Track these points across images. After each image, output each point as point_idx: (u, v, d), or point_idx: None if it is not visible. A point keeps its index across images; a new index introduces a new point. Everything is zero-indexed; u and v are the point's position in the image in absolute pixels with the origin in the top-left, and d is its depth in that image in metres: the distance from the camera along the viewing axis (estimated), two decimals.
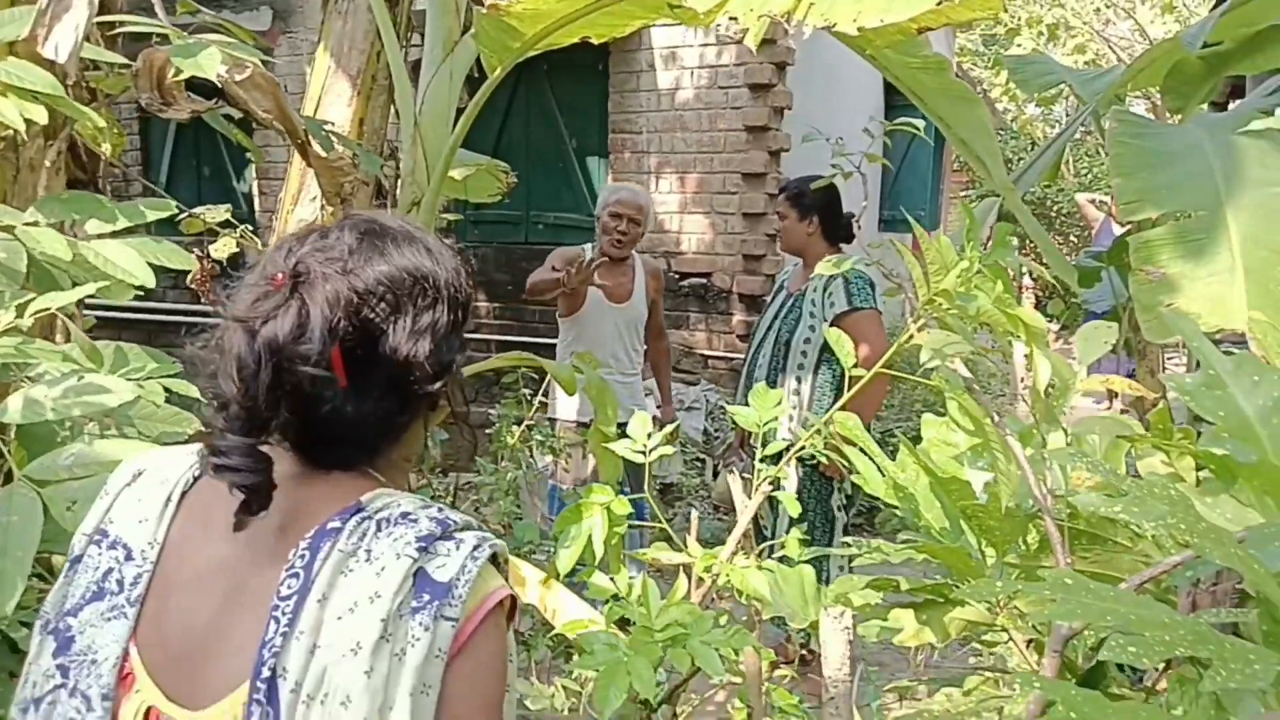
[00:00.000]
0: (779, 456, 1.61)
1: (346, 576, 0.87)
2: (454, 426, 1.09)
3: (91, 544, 0.95)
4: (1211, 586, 1.28)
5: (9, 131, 1.66)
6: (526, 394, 3.42)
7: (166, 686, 0.89)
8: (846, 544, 1.53)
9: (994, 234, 3.52)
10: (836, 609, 1.34)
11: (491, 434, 3.27)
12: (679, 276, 5.95)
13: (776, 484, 1.77)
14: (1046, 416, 1.34)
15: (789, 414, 3.12)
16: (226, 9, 6.67)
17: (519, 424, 3.31)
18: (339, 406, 0.92)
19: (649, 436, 1.50)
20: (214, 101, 1.89)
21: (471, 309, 1.03)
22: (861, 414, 2.29)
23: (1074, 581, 1.10)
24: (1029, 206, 4.61)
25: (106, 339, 1.63)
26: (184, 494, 0.97)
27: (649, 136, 6.11)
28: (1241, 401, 0.97)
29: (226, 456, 0.89)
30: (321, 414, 0.92)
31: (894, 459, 1.75)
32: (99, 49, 1.69)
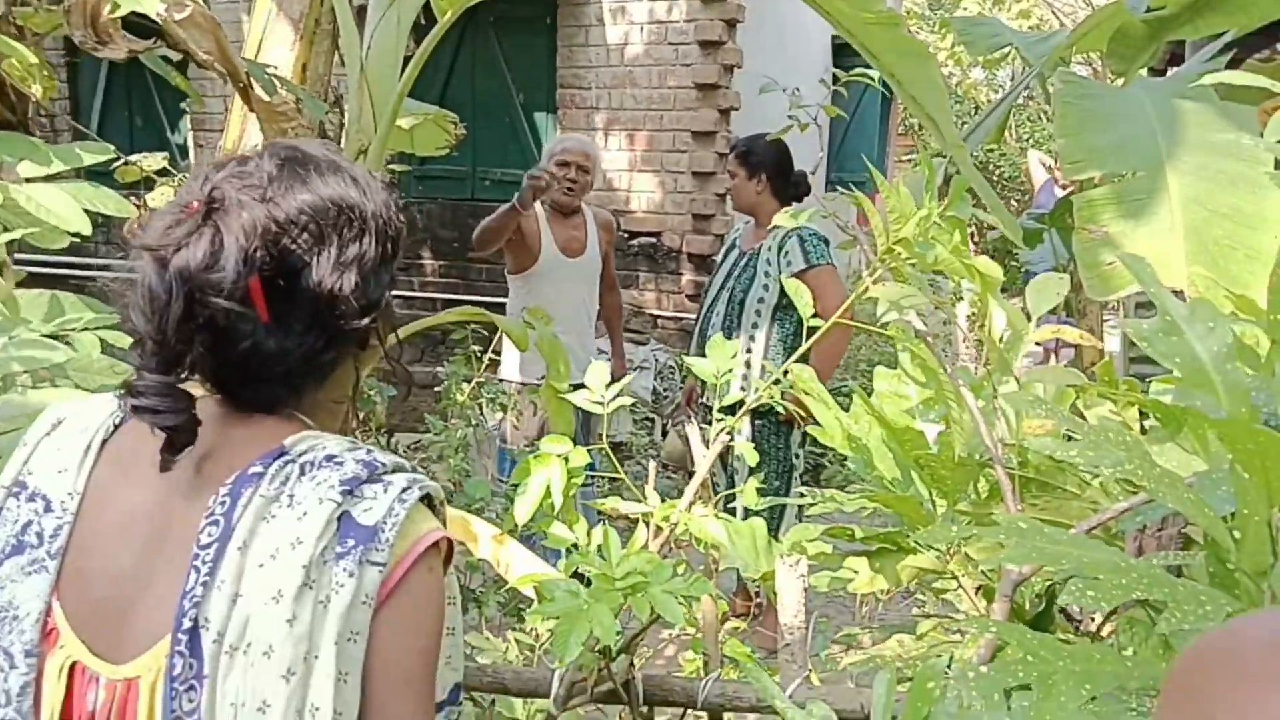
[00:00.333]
0: (735, 408, 1.61)
1: (268, 523, 0.84)
2: (398, 384, 1.07)
3: (10, 496, 0.92)
4: (1157, 532, 1.32)
5: None
6: (476, 351, 3.38)
7: (90, 640, 0.86)
8: (801, 494, 1.54)
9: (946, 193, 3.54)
10: (792, 557, 1.35)
11: (440, 392, 3.23)
12: (628, 235, 5.92)
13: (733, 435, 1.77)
14: (1000, 366, 1.36)
15: (742, 371, 3.14)
16: None
17: (468, 381, 3.28)
18: (259, 342, 0.88)
19: (605, 389, 1.49)
20: (152, 41, 1.81)
21: (402, 244, 0.99)
22: (821, 369, 2.31)
23: (1028, 526, 1.12)
24: (979, 169, 4.68)
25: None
26: (105, 442, 0.93)
27: (598, 93, 6.04)
28: (1196, 347, 0.99)
29: (144, 396, 0.86)
30: (240, 350, 0.88)
31: (846, 412, 1.77)
32: None
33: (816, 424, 1.61)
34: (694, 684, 1.36)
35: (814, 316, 1.46)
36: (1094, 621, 1.90)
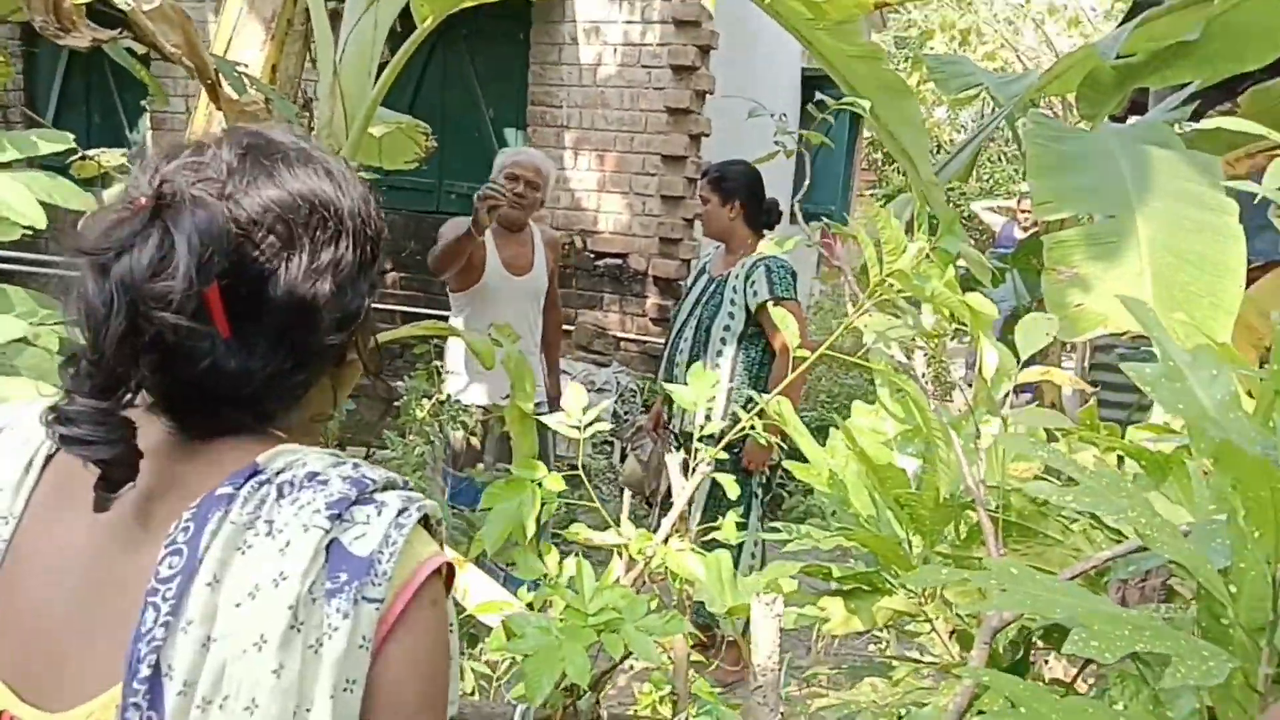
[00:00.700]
0: (714, 439, 1.57)
1: (244, 554, 0.73)
2: (363, 397, 0.98)
3: None
4: (1140, 582, 1.29)
5: None
6: (437, 366, 3.30)
7: (20, 687, 0.76)
8: (775, 529, 1.50)
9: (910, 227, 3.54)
10: (768, 596, 1.30)
11: (399, 407, 3.15)
12: (594, 256, 5.88)
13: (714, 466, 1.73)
14: (988, 406, 1.33)
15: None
16: None
17: (427, 397, 3.20)
18: (218, 361, 0.76)
19: (584, 411, 1.44)
20: (118, 32, 1.74)
21: (384, 246, 0.89)
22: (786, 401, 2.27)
23: (1019, 572, 1.09)
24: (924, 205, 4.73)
25: None
26: (49, 458, 0.81)
27: (569, 111, 6.00)
28: (1200, 394, 0.96)
29: (74, 424, 0.73)
30: (195, 371, 0.76)
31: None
32: None
33: (784, 457, 1.57)
34: None
35: (800, 347, 1.42)
36: (1046, 667, 1.87)
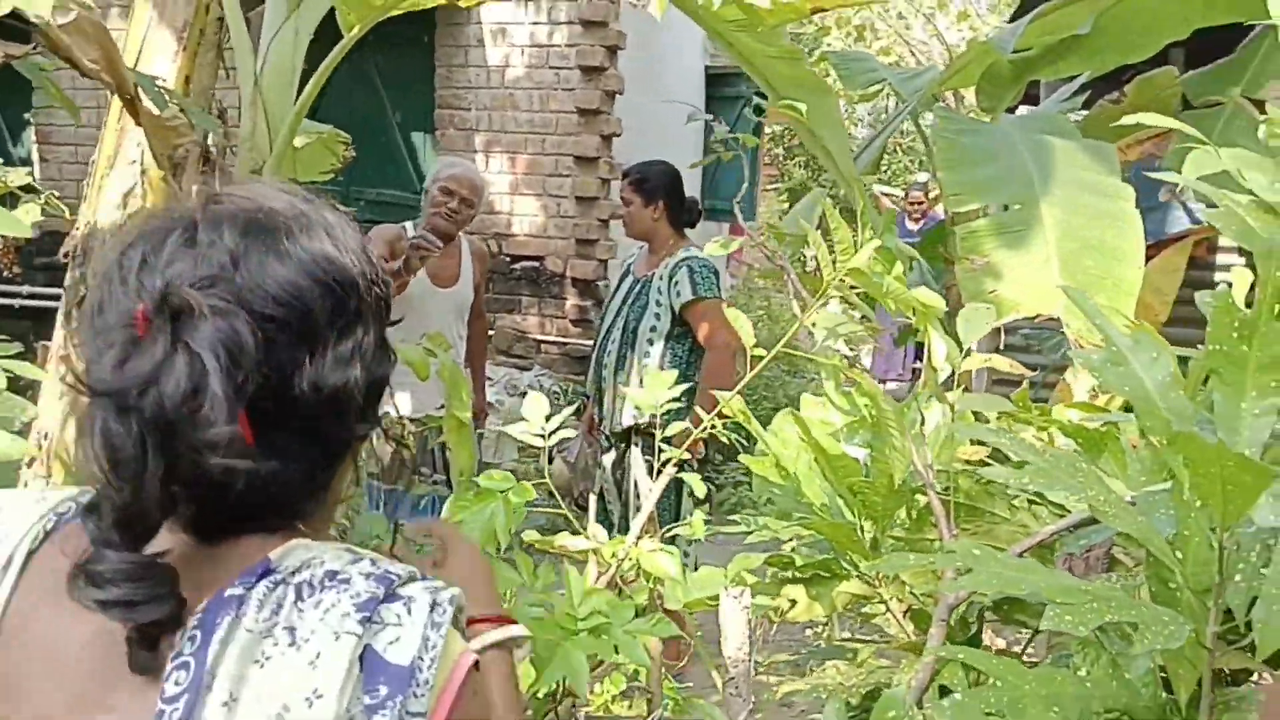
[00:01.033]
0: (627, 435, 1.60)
1: (263, 667, 0.65)
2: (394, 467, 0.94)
3: None
4: (1085, 554, 1.37)
5: None
6: None
7: None
8: (734, 521, 1.54)
9: (823, 224, 3.63)
10: (736, 589, 1.34)
11: None
12: (510, 260, 5.86)
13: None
14: (937, 393, 1.39)
15: (635, 402, 3.13)
16: None
17: None
18: (251, 477, 0.68)
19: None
20: (31, 46, 1.67)
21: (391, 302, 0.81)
22: (707, 400, 2.32)
23: (981, 552, 1.15)
24: (832, 201, 4.86)
25: None
26: (30, 554, 0.73)
27: (478, 114, 5.96)
28: (1142, 375, 1.03)
29: (112, 584, 0.65)
30: (230, 494, 0.68)
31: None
32: None
33: (713, 452, 1.62)
34: None
35: (755, 346, 1.46)
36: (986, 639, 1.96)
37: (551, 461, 5.41)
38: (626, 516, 3.16)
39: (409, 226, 3.52)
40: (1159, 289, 3.78)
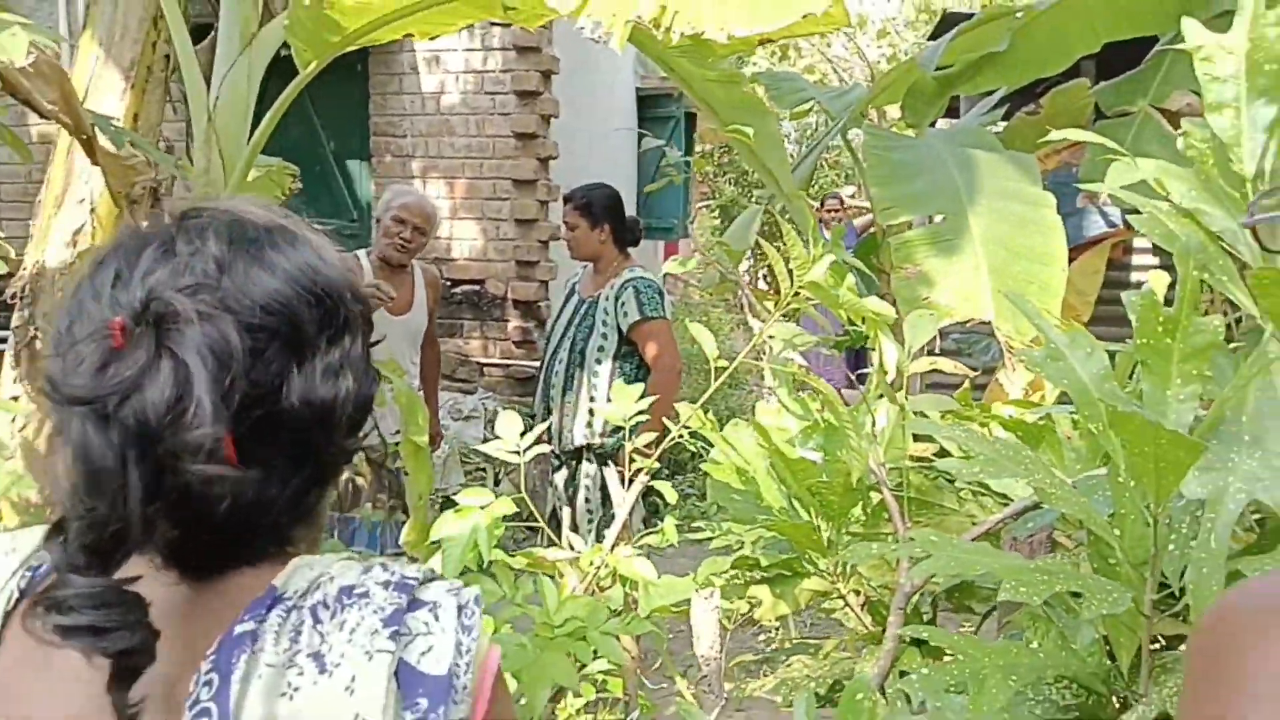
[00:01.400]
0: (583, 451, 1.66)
1: (292, 699, 0.62)
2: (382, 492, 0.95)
3: None
4: (1029, 538, 1.47)
5: None
6: None
7: None
8: (699, 527, 1.61)
9: (758, 241, 3.73)
10: (706, 590, 1.41)
11: None
12: (451, 284, 5.87)
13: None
14: (888, 396, 1.48)
15: (585, 419, 3.19)
16: None
17: None
18: (238, 496, 0.64)
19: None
20: None
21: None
22: (661, 413, 2.40)
23: (938, 539, 1.23)
24: (767, 216, 5.02)
25: None
26: (11, 608, 0.68)
27: (414, 140, 5.98)
28: (1079, 369, 1.13)
29: (78, 612, 0.60)
30: (214, 516, 0.64)
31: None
32: None
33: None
34: None
35: (718, 358, 1.53)
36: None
37: (499, 483, 5.45)
38: (589, 526, 3.22)
39: (362, 255, 3.54)
40: (1081, 290, 3.97)
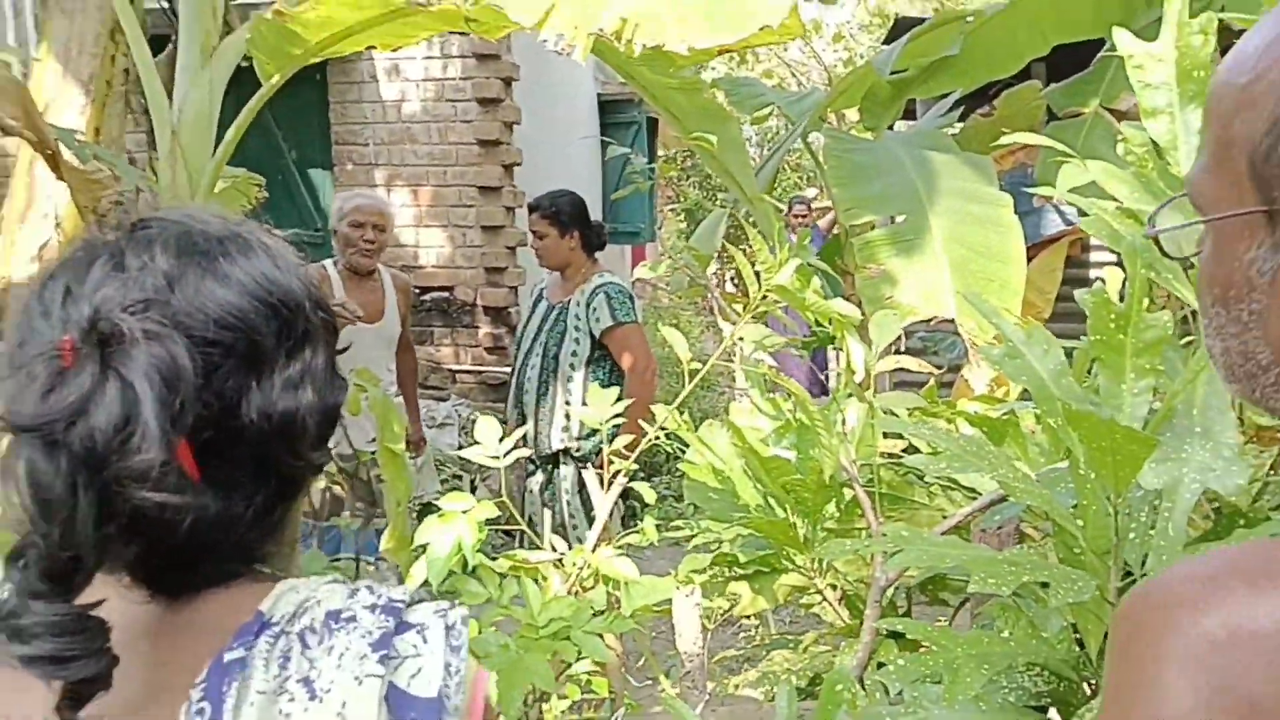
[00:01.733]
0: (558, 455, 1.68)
1: None
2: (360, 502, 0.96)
3: None
4: (997, 530, 1.52)
5: None
6: None
7: None
8: (678, 526, 1.64)
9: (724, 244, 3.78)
10: (687, 587, 1.43)
11: None
12: (419, 291, 5.85)
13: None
14: (857, 395, 1.52)
15: (561, 423, 3.21)
16: None
17: None
18: (199, 517, 0.63)
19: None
20: None
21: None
22: (636, 416, 2.42)
23: (910, 534, 1.27)
24: (732, 219, 5.09)
25: None
26: None
27: (376, 149, 5.96)
28: (1037, 366, 1.17)
29: (40, 640, 0.58)
30: (176, 536, 0.63)
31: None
32: None
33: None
34: None
35: (694, 363, 1.57)
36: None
37: (475, 489, 5.45)
38: (560, 536, 3.24)
39: (328, 266, 3.53)
40: (1040, 288, 4.06)
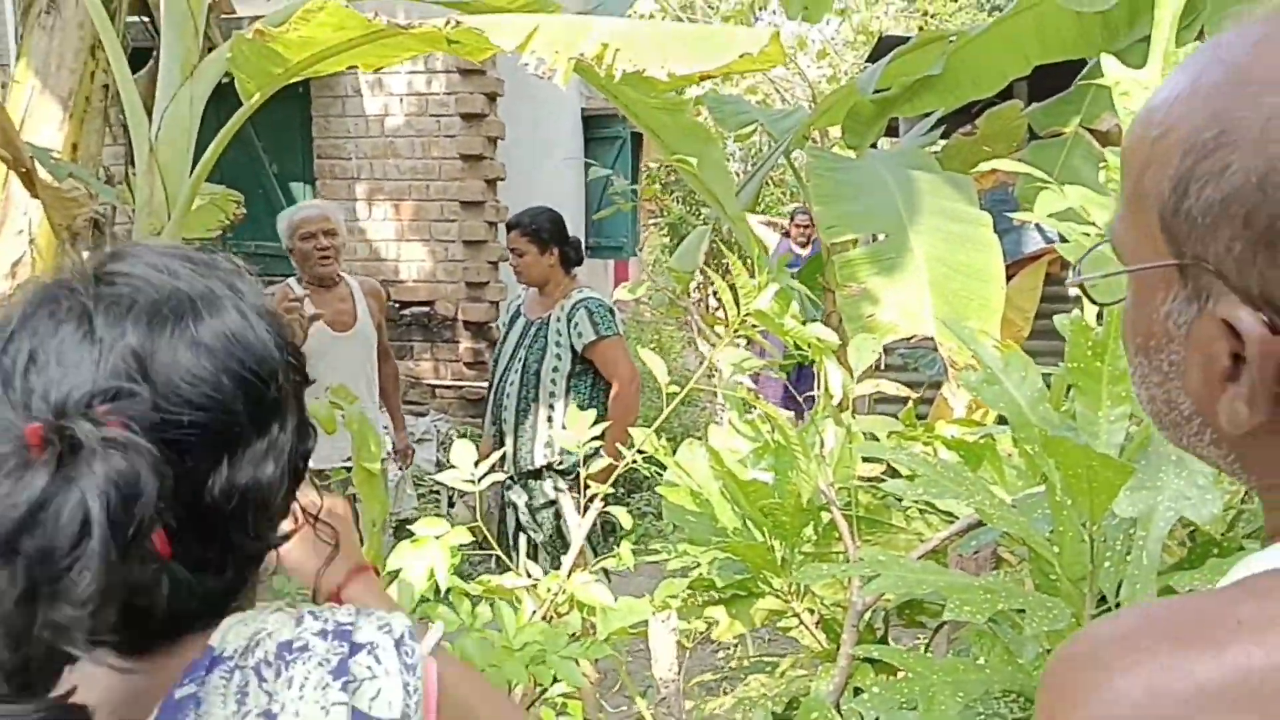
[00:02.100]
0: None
1: None
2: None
3: None
4: (974, 555, 1.51)
5: None
6: None
7: None
8: (656, 550, 1.63)
9: (709, 260, 3.78)
10: (664, 613, 1.42)
11: None
12: (399, 306, 5.84)
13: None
14: (835, 418, 1.52)
15: (545, 439, 3.20)
16: None
17: None
18: (174, 598, 0.62)
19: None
20: None
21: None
22: (620, 433, 2.41)
23: (886, 559, 1.27)
24: (715, 234, 5.10)
25: None
26: None
27: (358, 163, 5.95)
28: (1015, 393, 1.17)
29: None
30: (152, 621, 0.63)
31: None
32: None
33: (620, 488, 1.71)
34: None
35: (674, 385, 1.56)
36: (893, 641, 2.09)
37: (453, 505, 5.40)
38: (554, 546, 3.20)
39: (292, 283, 3.51)
40: (1020, 307, 4.07)
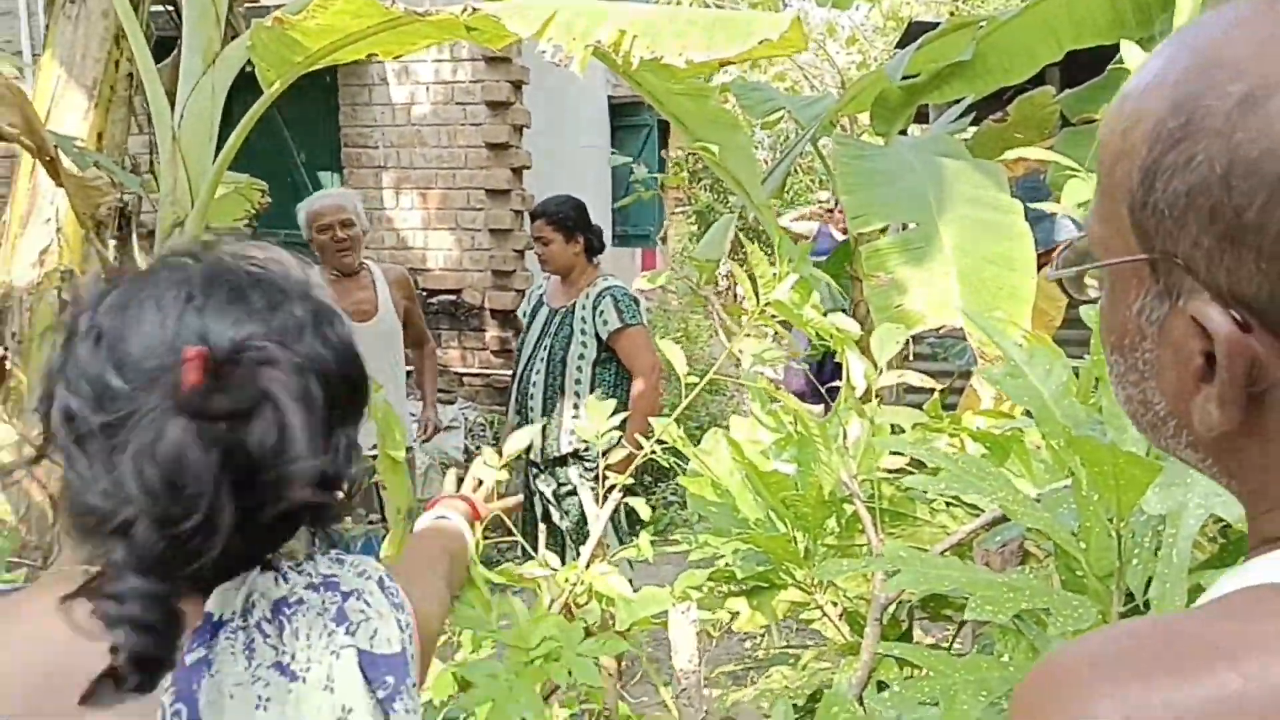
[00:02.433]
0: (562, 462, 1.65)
1: (267, 710, 0.67)
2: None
3: None
4: (1000, 549, 1.49)
5: None
6: None
7: None
8: (675, 540, 1.62)
9: (735, 245, 3.75)
10: (684, 604, 1.41)
11: None
12: (427, 294, 5.85)
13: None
14: (857, 408, 1.49)
15: (570, 426, 3.20)
16: None
17: None
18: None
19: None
20: None
21: None
22: (643, 422, 2.40)
23: (908, 554, 1.25)
24: (742, 223, 5.07)
25: None
26: None
27: (385, 151, 5.96)
28: (1039, 386, 1.14)
29: (125, 603, 0.62)
30: (286, 537, 0.73)
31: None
32: None
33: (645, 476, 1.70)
34: None
35: (688, 374, 1.54)
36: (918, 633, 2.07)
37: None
38: (579, 534, 3.20)
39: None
40: (1052, 296, 4.01)
